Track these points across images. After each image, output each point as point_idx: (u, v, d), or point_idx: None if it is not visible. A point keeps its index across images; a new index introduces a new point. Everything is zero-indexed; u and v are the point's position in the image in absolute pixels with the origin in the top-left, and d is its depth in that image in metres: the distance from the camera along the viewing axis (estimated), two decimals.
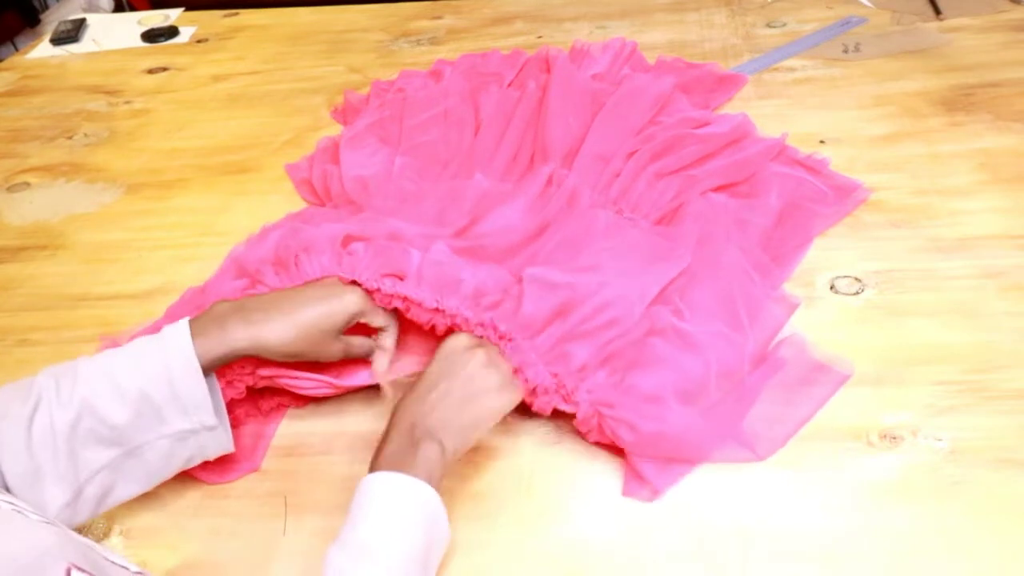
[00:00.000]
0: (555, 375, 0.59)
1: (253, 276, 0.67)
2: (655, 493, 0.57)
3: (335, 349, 0.61)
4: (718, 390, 0.62)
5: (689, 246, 0.71)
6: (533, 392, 0.59)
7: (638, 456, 0.58)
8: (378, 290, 0.63)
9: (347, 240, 0.67)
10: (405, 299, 0.62)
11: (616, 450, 0.60)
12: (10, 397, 0.53)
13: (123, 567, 0.43)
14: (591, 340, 0.61)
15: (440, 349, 0.59)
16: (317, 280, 0.63)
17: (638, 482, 0.58)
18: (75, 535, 0.41)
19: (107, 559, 0.42)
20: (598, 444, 0.61)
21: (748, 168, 0.82)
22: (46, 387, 0.53)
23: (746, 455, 0.59)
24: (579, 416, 0.59)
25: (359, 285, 0.63)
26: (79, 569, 0.37)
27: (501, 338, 0.60)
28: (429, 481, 0.51)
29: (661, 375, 0.60)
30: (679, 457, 0.58)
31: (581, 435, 0.61)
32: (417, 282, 0.63)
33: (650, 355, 0.61)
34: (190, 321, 0.57)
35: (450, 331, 0.62)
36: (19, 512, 0.39)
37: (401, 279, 0.64)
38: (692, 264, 0.70)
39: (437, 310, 0.62)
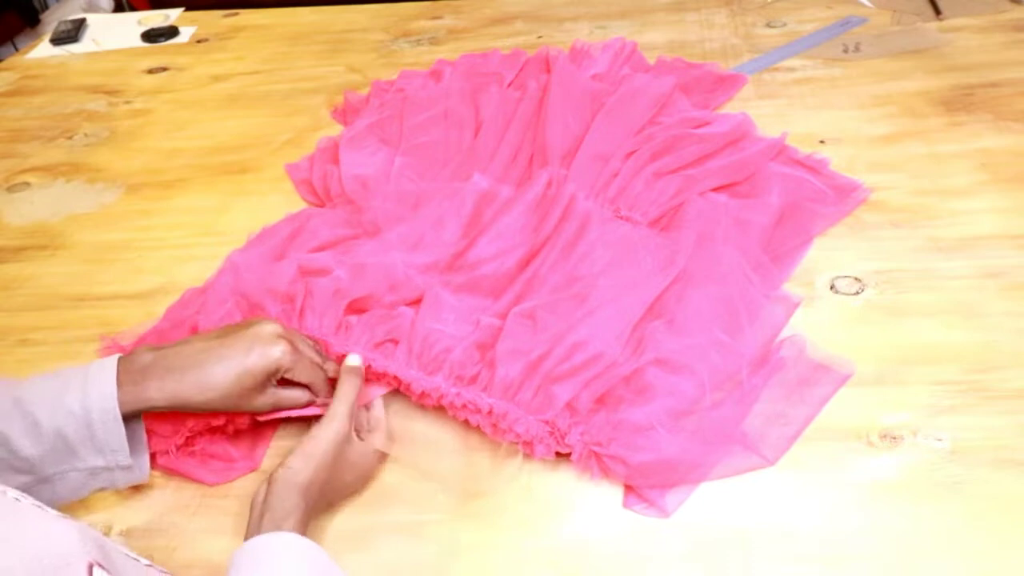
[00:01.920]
0: (546, 421, 0.60)
1: (254, 306, 0.68)
2: (665, 514, 0.57)
3: (261, 403, 0.59)
4: (715, 397, 0.62)
5: (686, 250, 0.71)
6: (530, 444, 0.60)
7: (637, 485, 0.58)
8: (369, 366, 0.64)
9: (351, 305, 0.68)
10: (396, 378, 0.64)
11: None
12: None
13: (135, 559, 0.43)
14: (572, 379, 0.61)
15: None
16: (249, 320, 0.62)
17: (643, 503, 0.58)
18: (91, 529, 0.41)
19: (120, 552, 0.42)
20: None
21: (747, 168, 0.82)
22: None
23: (755, 462, 0.58)
24: (575, 458, 0.59)
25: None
26: (100, 566, 0.37)
27: (485, 413, 0.61)
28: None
29: (653, 404, 0.60)
30: (679, 481, 0.58)
31: None
32: (406, 356, 0.64)
33: (641, 385, 0.61)
34: (118, 361, 0.56)
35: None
36: (38, 506, 0.39)
37: (394, 343, 0.65)
38: (690, 267, 0.70)
39: (424, 394, 0.63)
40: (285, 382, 0.60)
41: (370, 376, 0.65)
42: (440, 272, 0.72)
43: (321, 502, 0.56)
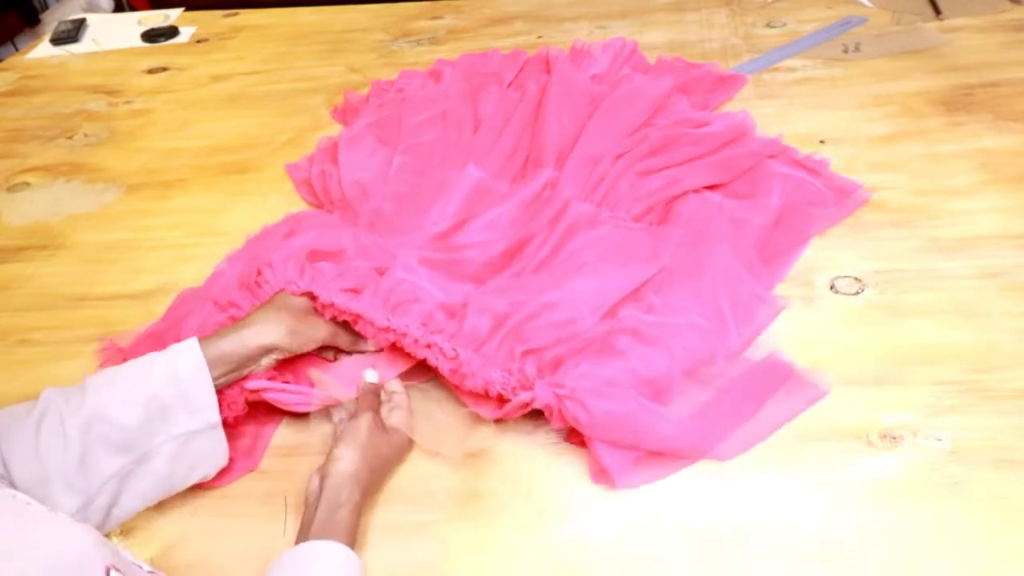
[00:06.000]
0: (509, 371, 0.60)
1: (223, 306, 0.68)
2: (613, 485, 0.57)
3: (323, 329, 0.65)
4: (690, 380, 0.62)
5: (670, 246, 0.71)
6: (486, 392, 0.60)
7: (596, 439, 0.58)
8: (332, 304, 0.65)
9: (313, 255, 0.69)
10: (357, 316, 0.64)
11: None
12: (13, 411, 0.54)
13: (139, 566, 0.43)
14: (540, 336, 0.62)
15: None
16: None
17: (600, 472, 0.58)
18: (100, 535, 0.41)
19: (128, 559, 0.42)
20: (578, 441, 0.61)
21: (734, 168, 0.81)
22: (53, 397, 0.54)
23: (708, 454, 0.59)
24: (537, 399, 0.59)
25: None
26: (116, 570, 0.38)
27: (448, 357, 0.61)
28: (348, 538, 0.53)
29: (621, 364, 0.60)
30: (635, 444, 0.58)
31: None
32: (371, 298, 0.65)
33: (611, 350, 0.62)
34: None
35: (393, 346, 0.65)
36: (50, 511, 0.39)
37: (357, 293, 0.66)
38: (675, 263, 0.70)
39: (387, 328, 0.63)
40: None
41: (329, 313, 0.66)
42: (418, 247, 0.71)
43: (372, 487, 0.58)
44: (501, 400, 0.60)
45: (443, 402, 0.66)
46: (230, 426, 0.63)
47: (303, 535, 0.53)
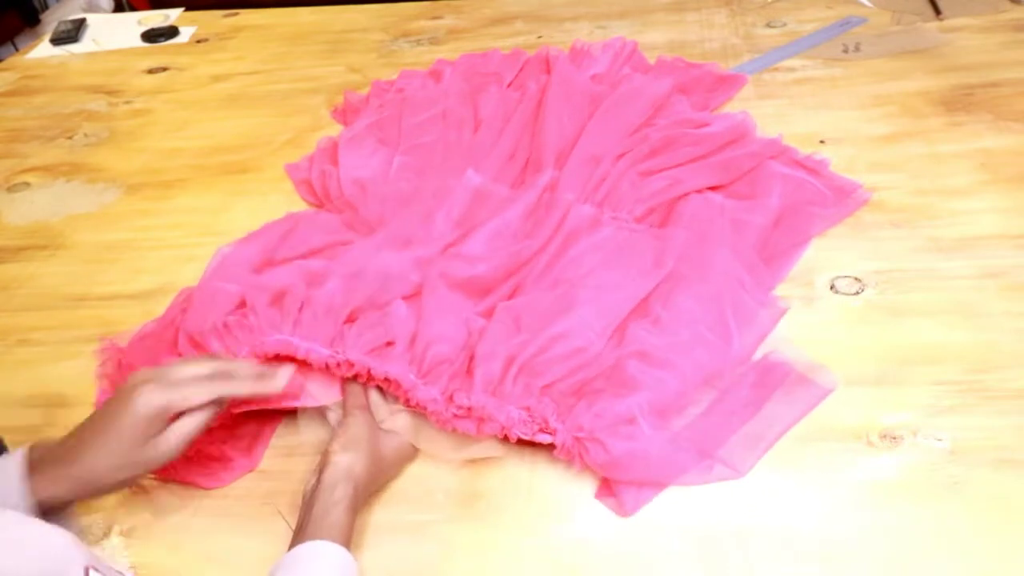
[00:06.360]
0: (526, 408, 0.60)
1: (241, 305, 0.68)
2: (625, 514, 0.57)
3: (165, 449, 0.53)
4: (700, 396, 0.62)
5: (674, 250, 0.71)
6: (504, 437, 0.59)
7: (614, 479, 0.58)
8: (369, 371, 0.62)
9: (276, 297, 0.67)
10: (387, 381, 0.62)
11: None
12: None
13: (119, 572, 0.43)
14: (552, 369, 0.61)
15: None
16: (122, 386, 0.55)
17: (612, 498, 0.58)
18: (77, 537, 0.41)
19: (107, 565, 0.42)
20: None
21: (735, 169, 0.81)
22: None
23: (726, 473, 0.58)
24: (558, 444, 0.59)
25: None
26: (95, 569, 0.38)
27: (469, 409, 0.60)
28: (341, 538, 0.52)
29: (636, 397, 0.60)
30: (654, 480, 0.58)
31: None
32: (403, 354, 0.63)
33: (624, 378, 0.61)
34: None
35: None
36: (26, 515, 0.40)
37: (389, 344, 0.64)
38: (680, 268, 0.70)
39: (418, 404, 0.61)
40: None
41: (366, 381, 0.64)
42: (432, 264, 0.71)
43: (371, 487, 0.58)
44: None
45: None
46: (229, 427, 0.64)
47: (299, 535, 0.53)
